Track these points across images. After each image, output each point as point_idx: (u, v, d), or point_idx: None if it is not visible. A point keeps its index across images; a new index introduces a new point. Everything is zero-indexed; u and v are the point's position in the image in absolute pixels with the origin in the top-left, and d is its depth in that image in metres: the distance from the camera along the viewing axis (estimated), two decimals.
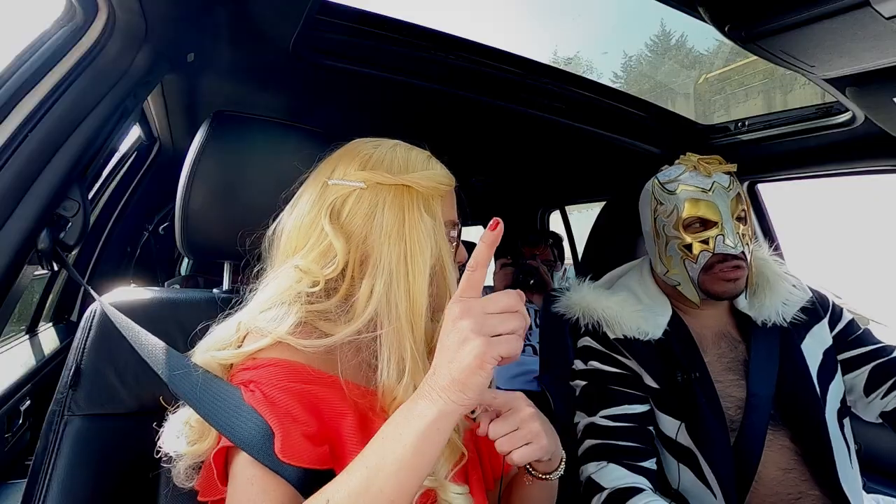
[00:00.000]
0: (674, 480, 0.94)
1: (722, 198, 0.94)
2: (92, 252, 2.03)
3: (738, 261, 0.93)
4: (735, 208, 0.94)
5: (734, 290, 0.94)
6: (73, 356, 0.71)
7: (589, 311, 1.04)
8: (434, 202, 0.61)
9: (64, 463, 0.67)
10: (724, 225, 0.92)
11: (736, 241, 0.92)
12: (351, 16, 1.10)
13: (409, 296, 0.57)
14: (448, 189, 0.64)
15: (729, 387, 0.95)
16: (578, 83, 1.39)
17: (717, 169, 0.96)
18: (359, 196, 0.60)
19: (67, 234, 0.78)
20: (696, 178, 0.96)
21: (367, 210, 0.59)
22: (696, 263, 0.94)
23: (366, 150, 0.63)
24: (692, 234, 0.94)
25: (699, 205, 0.94)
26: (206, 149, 0.78)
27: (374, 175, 0.60)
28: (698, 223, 0.95)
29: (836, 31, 0.70)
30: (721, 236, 0.92)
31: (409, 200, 0.60)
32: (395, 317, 0.57)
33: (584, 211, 2.87)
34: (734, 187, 0.96)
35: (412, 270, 0.58)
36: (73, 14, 0.76)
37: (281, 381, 0.55)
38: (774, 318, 0.97)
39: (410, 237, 0.58)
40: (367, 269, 0.59)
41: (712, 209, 0.93)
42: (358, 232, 0.59)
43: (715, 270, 0.94)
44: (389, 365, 0.57)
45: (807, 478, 0.90)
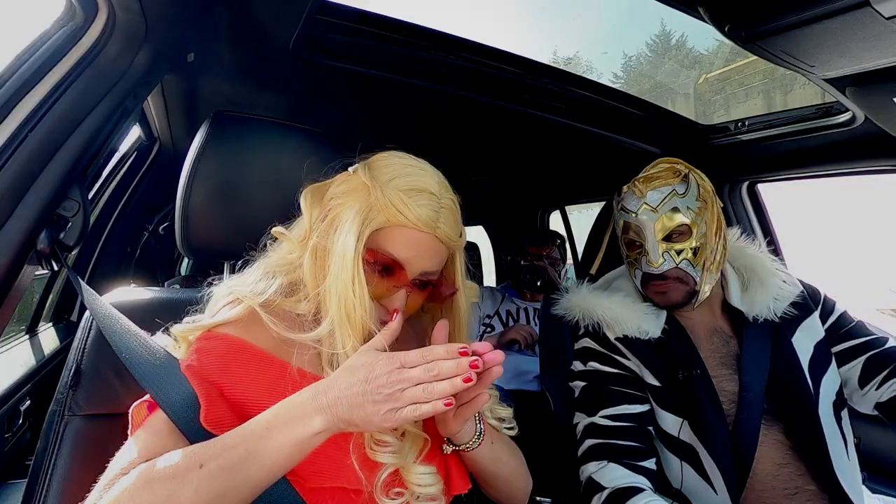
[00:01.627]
0: (675, 479, 0.94)
1: (647, 219, 0.97)
2: (92, 252, 2.03)
3: (663, 280, 0.97)
4: (667, 225, 0.96)
5: (667, 302, 1.00)
6: (73, 356, 0.71)
7: (589, 312, 1.04)
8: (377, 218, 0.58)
9: (64, 463, 0.67)
10: (646, 246, 0.97)
11: (659, 259, 0.96)
12: (351, 16, 1.10)
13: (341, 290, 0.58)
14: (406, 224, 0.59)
15: (722, 381, 0.95)
16: (578, 83, 1.39)
17: (654, 186, 0.97)
18: (343, 180, 0.64)
19: (67, 234, 0.78)
20: (629, 199, 1.01)
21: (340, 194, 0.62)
22: (635, 277, 1.03)
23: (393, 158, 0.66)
24: (630, 252, 1.03)
25: (627, 226, 1.01)
26: (206, 149, 0.78)
27: (361, 167, 0.63)
28: (630, 242, 1.02)
29: (836, 31, 0.70)
30: (645, 257, 0.98)
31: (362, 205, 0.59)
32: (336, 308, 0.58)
33: (584, 211, 2.87)
34: (669, 203, 0.96)
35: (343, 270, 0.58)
36: (73, 14, 0.76)
37: (222, 357, 0.58)
38: (765, 314, 0.98)
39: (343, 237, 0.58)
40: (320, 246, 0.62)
41: (637, 231, 0.99)
42: (327, 209, 0.62)
43: (647, 286, 1.01)
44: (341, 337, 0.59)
45: (802, 472, 0.90)
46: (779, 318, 0.98)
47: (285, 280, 0.64)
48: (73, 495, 0.66)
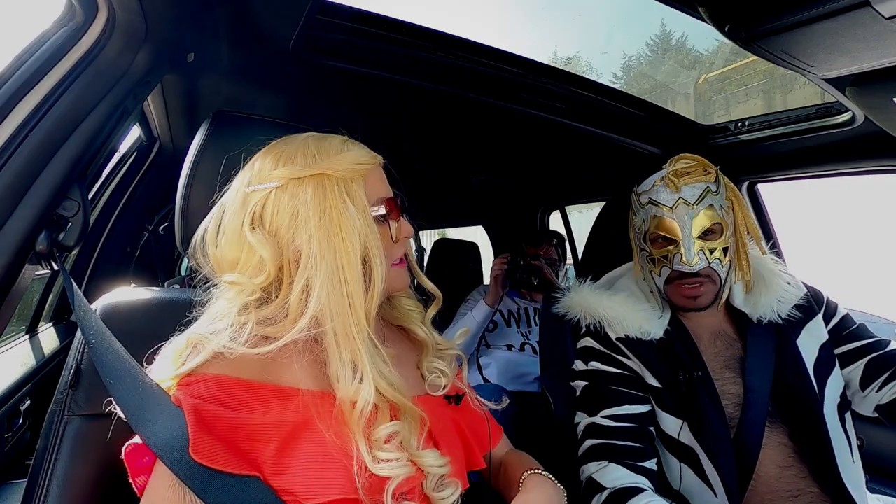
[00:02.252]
0: (675, 481, 0.94)
1: (684, 215, 0.94)
2: (92, 252, 2.03)
3: (697, 278, 0.94)
4: (703, 223, 0.94)
5: (694, 305, 0.96)
6: (73, 356, 0.70)
7: (591, 311, 1.04)
8: (355, 185, 0.60)
9: (64, 463, 0.67)
10: (683, 243, 0.93)
11: (694, 258, 0.93)
12: (351, 16, 1.10)
13: (345, 287, 0.57)
14: (369, 167, 0.63)
15: (726, 384, 0.95)
16: (578, 83, 1.39)
17: (689, 181, 0.96)
18: (278, 196, 0.59)
19: (67, 234, 0.78)
20: (663, 193, 0.97)
21: (289, 209, 0.58)
22: (659, 276, 0.98)
23: (277, 148, 0.63)
24: (656, 248, 0.98)
25: (662, 222, 0.96)
26: (205, 149, 0.78)
27: (289, 171, 0.59)
28: (661, 238, 0.97)
29: (836, 31, 0.70)
30: (678, 254, 0.93)
31: (330, 189, 0.59)
32: (338, 310, 0.56)
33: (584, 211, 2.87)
34: (706, 200, 0.94)
35: (346, 261, 0.57)
36: (73, 14, 0.76)
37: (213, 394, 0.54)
38: (770, 316, 0.98)
39: (340, 227, 0.58)
40: (299, 268, 0.58)
41: (673, 227, 0.95)
42: (285, 234, 0.59)
43: (674, 285, 0.97)
44: (343, 362, 0.57)
45: (805, 474, 0.90)
46: (783, 320, 0.98)
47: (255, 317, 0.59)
48: (73, 495, 0.66)
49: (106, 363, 0.59)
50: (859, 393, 0.97)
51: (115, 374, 0.58)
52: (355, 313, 0.57)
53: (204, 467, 0.50)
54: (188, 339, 0.58)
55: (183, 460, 0.50)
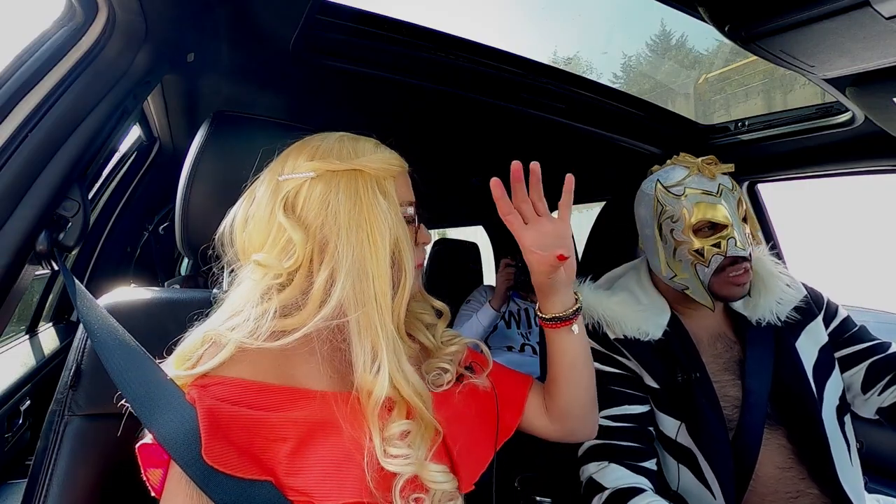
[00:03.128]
0: (673, 481, 0.94)
1: (729, 200, 0.93)
2: (92, 252, 2.03)
3: (747, 263, 0.93)
4: (740, 210, 0.95)
5: (742, 293, 0.95)
6: (73, 356, 0.71)
7: (589, 311, 1.04)
8: (387, 183, 0.62)
9: (64, 463, 0.67)
10: (734, 227, 0.92)
11: (745, 242, 0.92)
12: (351, 16, 1.10)
13: (372, 278, 0.58)
14: (399, 170, 0.65)
15: (725, 386, 0.95)
16: (578, 83, 1.39)
17: (719, 170, 0.96)
18: (311, 186, 0.60)
19: (67, 234, 0.78)
20: (701, 182, 0.95)
21: (321, 198, 0.60)
22: (707, 267, 0.93)
23: (313, 142, 0.64)
24: (702, 239, 0.93)
25: (709, 208, 0.92)
26: (206, 149, 0.78)
27: (324, 163, 0.61)
28: (708, 227, 0.93)
29: (836, 31, 0.70)
30: (732, 239, 0.91)
31: (363, 184, 0.60)
32: (362, 301, 0.57)
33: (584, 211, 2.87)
34: (737, 188, 0.96)
35: (373, 253, 0.58)
36: (73, 14, 0.76)
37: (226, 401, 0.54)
38: (769, 318, 0.98)
39: (368, 220, 0.59)
40: (325, 257, 0.59)
41: (722, 212, 0.92)
42: (314, 221, 0.59)
43: (726, 273, 0.93)
44: (364, 351, 0.57)
45: (805, 476, 0.90)
46: (782, 322, 0.98)
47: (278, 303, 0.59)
48: (73, 495, 0.66)
49: (111, 356, 0.59)
50: (861, 396, 0.97)
51: (122, 367, 0.57)
52: (380, 306, 0.58)
53: (215, 470, 0.50)
54: (205, 335, 0.58)
55: (194, 459, 0.50)
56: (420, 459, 0.57)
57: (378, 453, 0.55)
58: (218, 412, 0.52)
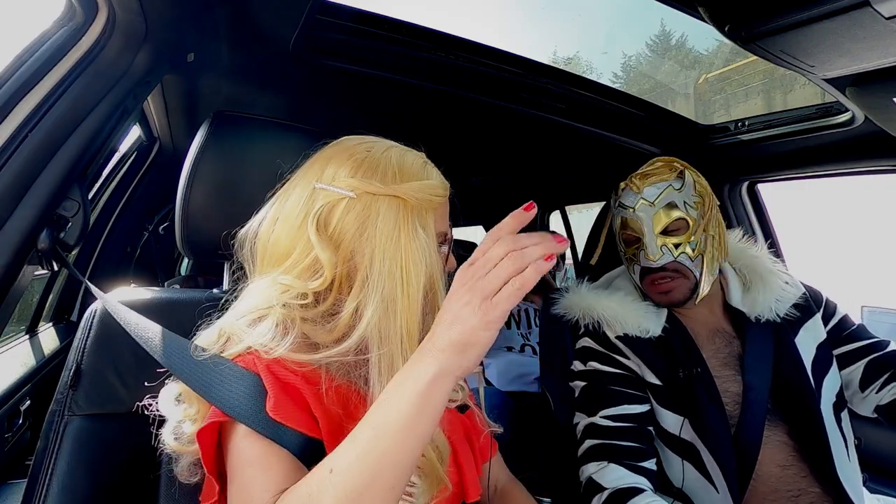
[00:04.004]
0: (677, 479, 0.94)
1: (645, 214, 0.98)
2: (92, 252, 2.03)
3: (665, 272, 0.97)
4: (663, 220, 0.97)
5: (668, 300, 1.00)
6: (73, 356, 0.71)
7: (589, 310, 1.04)
8: (428, 215, 0.58)
9: (64, 463, 0.67)
10: (644, 240, 0.98)
11: (657, 253, 0.96)
12: (351, 16, 1.10)
13: (402, 317, 0.53)
14: (443, 200, 0.60)
15: (725, 382, 0.95)
16: (578, 83, 1.39)
17: (650, 182, 0.99)
18: (349, 206, 0.56)
19: (67, 234, 0.78)
20: (626, 196, 1.02)
21: (358, 222, 0.56)
22: (635, 273, 1.03)
23: (359, 152, 0.59)
24: (627, 248, 1.03)
25: (626, 222, 1.01)
26: (206, 149, 0.78)
27: (366, 184, 0.56)
28: (629, 238, 1.02)
29: (836, 31, 0.70)
30: (642, 251, 0.98)
31: (404, 214, 0.56)
32: (387, 339, 0.53)
33: (584, 211, 2.87)
34: (664, 197, 0.97)
35: (406, 290, 0.54)
36: (73, 14, 0.76)
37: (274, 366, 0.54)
38: (767, 314, 0.98)
39: (405, 254, 0.55)
40: (353, 285, 0.56)
41: (636, 226, 0.99)
42: (346, 244, 0.56)
43: (647, 281, 1.00)
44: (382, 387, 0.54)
45: (806, 474, 0.90)
46: (781, 318, 0.99)
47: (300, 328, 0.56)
48: (73, 495, 0.66)
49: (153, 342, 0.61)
50: (859, 394, 0.98)
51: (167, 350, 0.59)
52: (404, 347, 0.53)
53: (280, 424, 0.51)
54: (220, 330, 0.57)
55: (260, 416, 0.51)
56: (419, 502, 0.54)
57: None
58: (276, 373, 0.53)
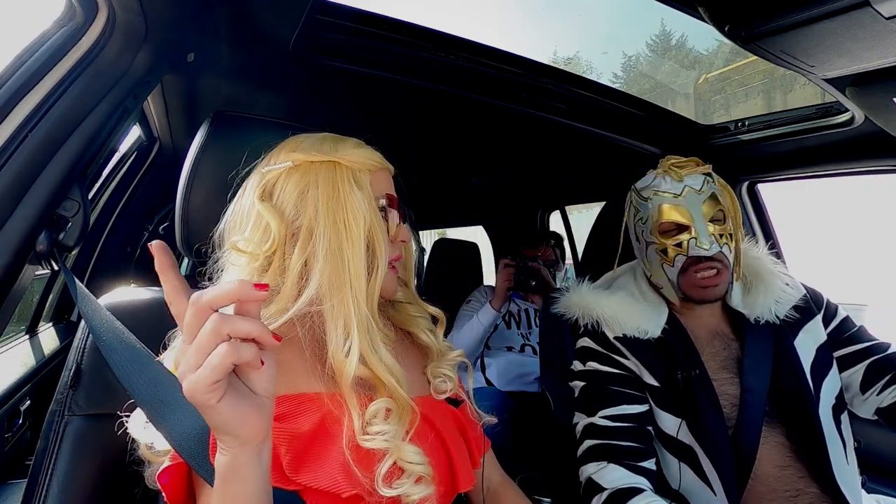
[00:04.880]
0: (674, 480, 0.94)
1: (693, 201, 0.96)
2: (92, 252, 2.03)
3: (713, 262, 0.95)
4: (709, 210, 0.96)
5: (712, 295, 0.96)
6: (73, 356, 0.71)
7: (588, 310, 1.04)
8: (363, 175, 0.64)
9: (64, 463, 0.67)
10: (696, 227, 0.95)
11: (710, 242, 0.94)
12: (351, 16, 1.10)
13: (348, 265, 0.59)
14: (379, 166, 0.67)
15: (724, 384, 0.95)
16: (578, 83, 1.39)
17: (688, 172, 0.98)
18: (289, 174, 0.63)
19: (67, 234, 0.78)
20: (667, 184, 0.99)
21: (299, 187, 0.62)
22: (672, 266, 0.97)
23: (297, 139, 0.67)
24: (667, 238, 0.97)
25: (671, 209, 0.97)
26: (205, 149, 0.78)
27: (304, 155, 0.63)
28: (673, 227, 0.97)
29: (836, 31, 0.70)
30: (693, 239, 0.94)
31: (340, 174, 0.62)
32: (338, 286, 0.58)
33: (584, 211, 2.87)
34: (707, 189, 0.97)
35: (349, 240, 0.59)
36: (73, 14, 0.76)
37: None
38: (767, 316, 0.98)
39: (345, 208, 0.60)
40: (298, 243, 0.60)
41: (684, 213, 0.96)
42: (290, 209, 0.62)
43: (690, 273, 0.96)
44: (338, 332, 0.58)
45: (804, 474, 0.90)
46: (780, 320, 0.98)
47: None
48: (73, 495, 0.66)
49: (117, 358, 0.58)
50: (859, 396, 0.97)
51: (128, 368, 0.56)
52: (354, 292, 0.58)
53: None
54: None
55: (206, 460, 0.48)
56: (397, 437, 0.57)
57: (357, 433, 0.56)
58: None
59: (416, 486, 0.57)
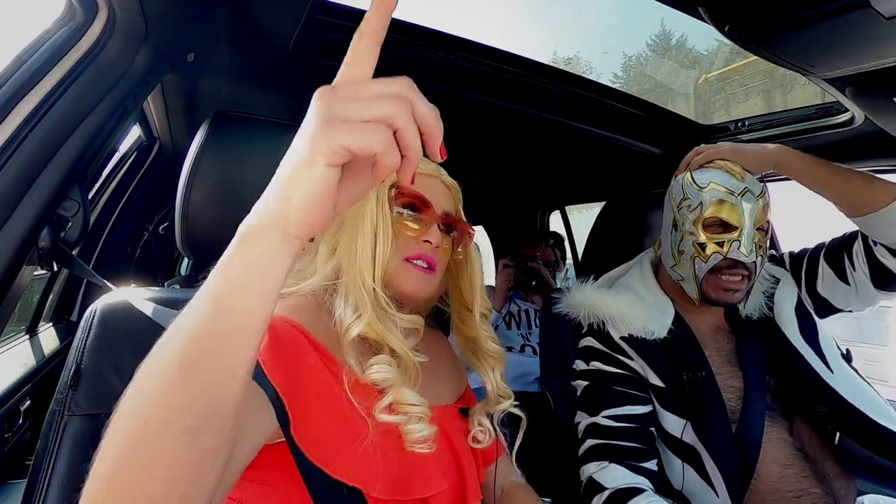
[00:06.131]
0: (677, 481, 0.94)
1: (749, 205, 0.93)
2: (92, 252, 2.03)
3: (745, 270, 0.93)
4: (760, 217, 0.93)
5: (731, 300, 0.95)
6: (73, 356, 0.71)
7: (594, 310, 1.04)
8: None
9: (64, 463, 0.67)
10: (743, 231, 0.91)
11: (751, 249, 0.91)
12: (351, 16, 1.09)
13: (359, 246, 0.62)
14: (422, 174, 0.68)
15: (728, 378, 0.96)
16: (578, 83, 1.39)
17: (750, 174, 0.96)
18: None
19: (67, 233, 0.78)
20: (728, 180, 0.94)
21: None
22: (705, 263, 0.94)
23: None
24: (709, 234, 0.93)
25: (724, 206, 0.93)
26: (205, 149, 0.78)
27: None
28: (719, 225, 0.94)
29: (836, 31, 0.70)
30: (737, 242, 0.91)
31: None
32: (351, 264, 0.62)
33: (584, 211, 2.87)
34: (765, 197, 0.95)
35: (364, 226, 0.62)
36: (73, 14, 0.76)
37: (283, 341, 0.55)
38: (757, 313, 1.01)
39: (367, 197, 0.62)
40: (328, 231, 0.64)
41: (736, 213, 0.92)
42: None
43: (719, 275, 0.94)
44: (346, 301, 0.60)
45: (807, 474, 0.90)
46: (766, 310, 1.01)
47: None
48: (74, 495, 0.66)
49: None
50: (848, 289, 0.97)
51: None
52: (361, 268, 0.61)
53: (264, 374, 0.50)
54: None
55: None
56: (398, 380, 0.58)
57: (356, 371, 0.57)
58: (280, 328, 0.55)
59: (417, 423, 0.58)
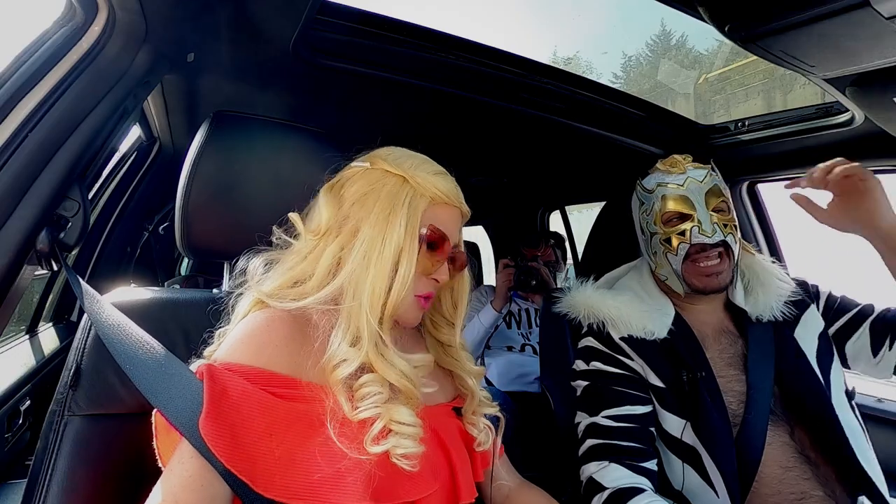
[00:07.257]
0: (677, 481, 0.94)
1: (696, 191, 0.98)
2: (92, 252, 2.03)
3: (716, 249, 0.96)
4: (712, 200, 0.98)
5: (717, 284, 0.97)
6: (73, 356, 0.71)
7: (594, 310, 1.04)
8: (420, 201, 0.64)
9: (64, 463, 0.67)
10: (697, 215, 0.97)
11: (713, 230, 0.95)
12: (351, 16, 1.09)
13: (372, 274, 0.61)
14: (443, 200, 0.66)
15: (730, 381, 0.96)
16: (578, 83, 1.39)
17: (691, 166, 1.01)
18: (362, 175, 0.66)
19: (67, 234, 0.78)
20: (669, 176, 1.02)
21: (364, 189, 0.65)
22: (676, 255, 0.98)
23: (392, 149, 0.70)
24: (670, 228, 0.99)
25: (672, 199, 1.00)
26: (205, 149, 0.78)
27: (383, 162, 0.66)
28: (676, 217, 0.99)
29: (836, 31, 0.70)
30: (696, 227, 0.96)
31: (403, 192, 0.64)
32: (359, 292, 0.60)
33: (584, 211, 2.87)
34: (709, 181, 1.00)
35: (380, 253, 0.61)
36: (73, 14, 0.76)
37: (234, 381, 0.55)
38: (768, 315, 1.00)
39: (391, 223, 0.62)
40: (338, 237, 0.64)
41: (686, 202, 0.98)
42: (347, 205, 0.65)
43: (694, 262, 0.97)
44: (344, 335, 0.59)
45: (809, 476, 0.90)
46: (781, 317, 1.00)
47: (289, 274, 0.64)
48: (73, 495, 0.66)
49: (123, 350, 0.61)
50: (872, 360, 0.98)
51: (134, 359, 0.60)
52: (371, 301, 0.60)
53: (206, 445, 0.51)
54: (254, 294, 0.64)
55: (195, 429, 0.52)
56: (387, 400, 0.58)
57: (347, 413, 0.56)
58: (229, 384, 0.54)
59: (405, 439, 0.57)
